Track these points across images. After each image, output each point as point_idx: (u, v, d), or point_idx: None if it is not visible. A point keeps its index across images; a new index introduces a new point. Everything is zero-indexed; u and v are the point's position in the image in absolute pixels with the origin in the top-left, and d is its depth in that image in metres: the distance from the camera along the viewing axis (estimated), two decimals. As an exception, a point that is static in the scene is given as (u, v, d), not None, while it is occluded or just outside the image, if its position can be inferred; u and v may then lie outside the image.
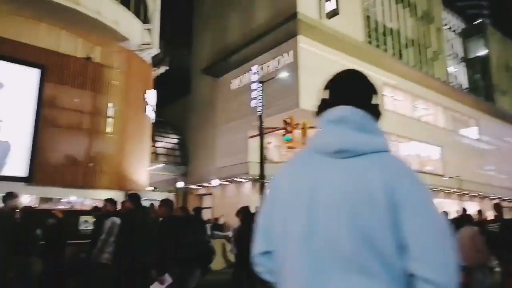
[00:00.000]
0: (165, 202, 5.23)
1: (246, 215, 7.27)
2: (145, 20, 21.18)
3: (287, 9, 19.90)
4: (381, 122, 1.31)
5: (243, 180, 21.09)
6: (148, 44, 21.08)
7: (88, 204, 14.13)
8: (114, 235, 5.66)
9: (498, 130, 33.62)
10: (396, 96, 24.98)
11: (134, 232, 5.30)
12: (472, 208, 26.07)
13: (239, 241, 7.40)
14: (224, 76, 24.74)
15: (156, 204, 6.66)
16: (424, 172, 24.45)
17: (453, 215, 10.41)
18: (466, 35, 38.48)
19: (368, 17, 24.77)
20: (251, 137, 16.91)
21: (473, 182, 27.60)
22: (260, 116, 15.01)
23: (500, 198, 29.67)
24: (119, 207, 6.56)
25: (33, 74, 14.55)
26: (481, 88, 36.67)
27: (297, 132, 14.83)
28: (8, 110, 13.72)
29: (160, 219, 5.81)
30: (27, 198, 12.95)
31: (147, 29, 21.21)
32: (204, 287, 6.67)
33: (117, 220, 5.80)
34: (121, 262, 5.43)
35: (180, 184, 25.14)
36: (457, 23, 38.70)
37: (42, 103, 14.53)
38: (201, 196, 25.89)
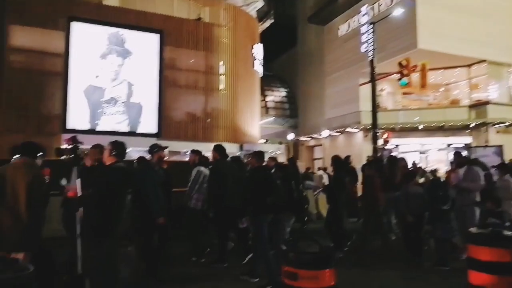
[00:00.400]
0: (255, 154, 5.44)
1: (337, 164, 7.09)
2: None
3: None
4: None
5: (354, 130, 20.34)
6: (255, -3, 21.05)
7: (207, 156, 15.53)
8: (200, 182, 6.21)
9: None
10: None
11: (220, 180, 5.78)
12: None
13: (329, 190, 7.36)
14: (330, 22, 23.43)
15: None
16: None
17: None
18: None
19: None
20: (362, 84, 15.94)
21: None
22: (372, 61, 13.90)
23: None
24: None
25: (154, 39, 16.00)
26: None
27: (415, 76, 13.42)
28: (137, 74, 15.55)
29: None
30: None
31: (251, -20, 21.09)
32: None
33: (203, 169, 6.32)
34: (209, 207, 6.06)
35: (291, 136, 25.60)
36: None
37: (163, 65, 16.01)
38: (311, 147, 26.04)
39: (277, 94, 29.86)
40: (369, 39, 14.29)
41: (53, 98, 14.29)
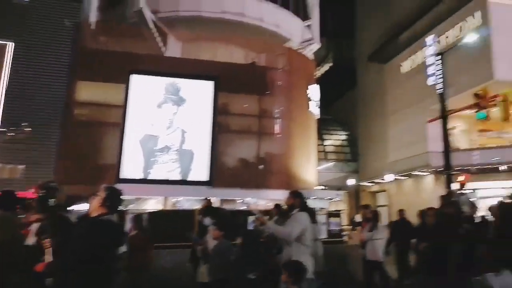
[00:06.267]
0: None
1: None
2: (305, 16, 21.04)
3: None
4: None
5: (423, 174, 18.29)
6: (309, 40, 20.85)
7: (261, 204, 14.64)
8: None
9: None
10: None
11: None
12: None
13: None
14: (392, 60, 22.39)
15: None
16: None
17: None
18: None
19: None
20: (430, 121, 14.35)
21: None
22: (441, 94, 12.44)
23: None
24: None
25: (208, 86, 16.12)
26: None
27: (493, 110, 11.63)
28: (190, 121, 15.58)
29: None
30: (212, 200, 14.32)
31: (307, 25, 21.03)
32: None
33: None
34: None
35: (351, 182, 23.88)
36: None
37: (216, 111, 15.93)
38: (374, 193, 23.98)
39: (336, 138, 28.69)
40: (437, 71, 12.91)
41: (111, 148, 14.68)
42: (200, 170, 15.23)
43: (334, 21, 35.97)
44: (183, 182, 14.72)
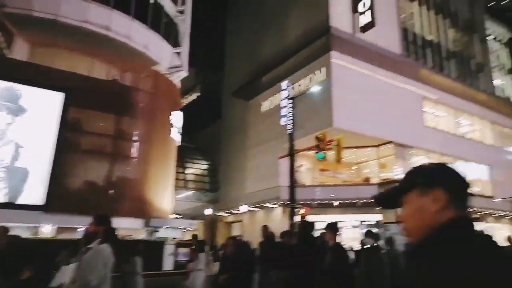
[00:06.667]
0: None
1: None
2: (175, 43, 20.97)
3: (320, 25, 19.06)
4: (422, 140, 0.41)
5: (273, 206, 19.73)
6: (178, 67, 20.80)
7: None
8: None
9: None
10: (437, 112, 22.98)
11: None
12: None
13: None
14: (254, 98, 24.04)
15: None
16: (471, 194, 21.99)
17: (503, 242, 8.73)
18: (513, 46, 35.72)
19: (405, 30, 23.31)
20: (281, 157, 15.76)
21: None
22: (291, 134, 13.84)
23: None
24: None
25: (57, 98, 14.28)
26: (533, 101, 33.49)
27: (330, 153, 13.54)
28: (28, 135, 13.40)
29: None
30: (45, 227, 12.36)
31: (177, 52, 20.98)
32: None
33: None
34: None
35: (208, 211, 24.09)
36: (503, 33, 36.08)
37: (64, 127, 14.15)
38: (230, 223, 24.68)
39: (198, 167, 28.86)
40: (288, 113, 14.41)
41: None
42: (35, 193, 13.01)
43: (205, 54, 37.24)
44: (11, 205, 12.33)
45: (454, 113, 24.17)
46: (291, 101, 14.85)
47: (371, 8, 19.35)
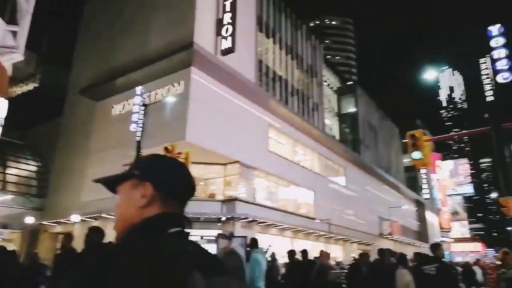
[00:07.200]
0: None
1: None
2: (12, 20, 17.76)
3: (183, 38, 19.13)
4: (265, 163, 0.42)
5: (112, 217, 18.39)
6: (11, 47, 17.61)
7: None
8: None
9: (361, 180, 37.58)
10: (280, 139, 25.83)
11: None
12: (337, 252, 27.77)
13: None
14: (105, 99, 22.28)
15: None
16: (299, 215, 25.37)
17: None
18: (340, 93, 43.42)
19: (260, 61, 25.68)
20: (124, 165, 14.91)
21: (339, 226, 29.59)
22: (139, 142, 13.31)
23: (359, 241, 32.50)
24: None
25: None
26: (350, 141, 41.13)
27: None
28: None
29: None
30: None
31: (12, 31, 17.80)
32: None
33: None
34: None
35: (30, 220, 20.75)
36: (334, 81, 43.52)
37: None
38: (57, 234, 21.80)
39: (25, 168, 24.81)
40: (139, 120, 13.87)
41: None
42: None
43: (53, 43, 32.99)
44: None
45: (293, 143, 27.57)
46: (144, 107, 14.39)
47: (232, 35, 20.64)
